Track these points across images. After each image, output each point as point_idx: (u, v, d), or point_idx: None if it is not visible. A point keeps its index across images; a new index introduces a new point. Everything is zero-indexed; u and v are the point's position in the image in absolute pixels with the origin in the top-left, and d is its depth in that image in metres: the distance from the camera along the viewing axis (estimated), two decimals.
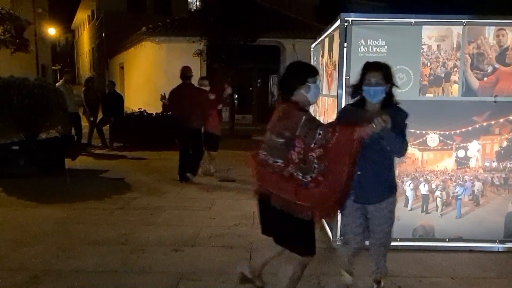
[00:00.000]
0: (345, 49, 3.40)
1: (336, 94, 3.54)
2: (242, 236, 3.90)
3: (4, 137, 6.25)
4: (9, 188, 5.54)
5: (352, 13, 3.39)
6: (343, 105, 3.47)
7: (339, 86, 3.46)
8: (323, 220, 4.15)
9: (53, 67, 25.88)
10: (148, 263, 3.31)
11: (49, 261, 3.30)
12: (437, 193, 3.61)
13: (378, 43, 3.39)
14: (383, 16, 3.45)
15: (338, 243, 3.62)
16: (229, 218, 4.43)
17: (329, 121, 4.02)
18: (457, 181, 3.60)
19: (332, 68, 3.88)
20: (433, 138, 3.54)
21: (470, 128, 3.53)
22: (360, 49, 3.40)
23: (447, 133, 3.53)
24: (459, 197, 3.62)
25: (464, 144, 3.55)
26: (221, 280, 3.02)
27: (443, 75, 3.45)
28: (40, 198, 5.10)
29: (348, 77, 3.43)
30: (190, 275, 3.09)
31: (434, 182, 3.60)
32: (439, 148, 3.56)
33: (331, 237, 3.71)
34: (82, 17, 31.23)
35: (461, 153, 3.57)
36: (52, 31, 24.85)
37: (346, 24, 3.38)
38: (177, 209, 4.77)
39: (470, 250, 3.62)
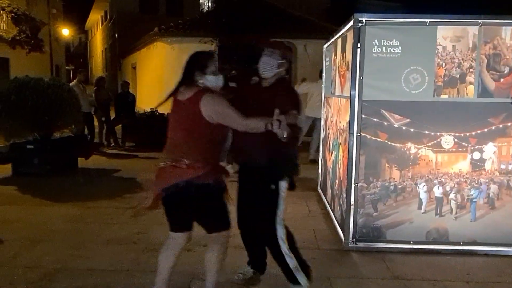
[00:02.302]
0: (358, 49, 3.37)
1: (349, 95, 3.51)
2: None
3: (19, 136, 6.34)
4: (23, 186, 5.62)
5: (365, 13, 3.35)
6: (356, 106, 3.45)
7: (352, 87, 3.43)
8: (335, 222, 4.13)
9: (66, 67, 26.25)
10: None
11: (62, 259, 3.33)
12: (452, 195, 3.56)
13: (392, 43, 3.35)
14: (397, 16, 3.41)
15: (350, 245, 3.59)
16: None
17: (342, 122, 4.00)
18: (472, 183, 3.54)
19: (345, 68, 3.85)
20: (447, 140, 3.48)
21: (486, 130, 3.47)
22: (374, 50, 3.37)
23: (462, 135, 3.47)
24: (474, 200, 3.55)
25: (480, 146, 3.49)
26: (231, 280, 3.01)
27: (458, 76, 3.40)
28: (54, 196, 5.16)
29: (361, 78, 3.41)
30: (202, 275, 3.08)
31: (448, 185, 3.55)
32: (454, 150, 3.50)
33: (343, 239, 3.67)
34: (95, 18, 31.59)
35: (476, 155, 3.50)
36: (66, 31, 25.19)
37: (359, 24, 3.35)
38: None
39: (485, 254, 3.55)
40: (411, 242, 3.59)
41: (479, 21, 3.33)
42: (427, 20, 3.33)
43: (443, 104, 3.45)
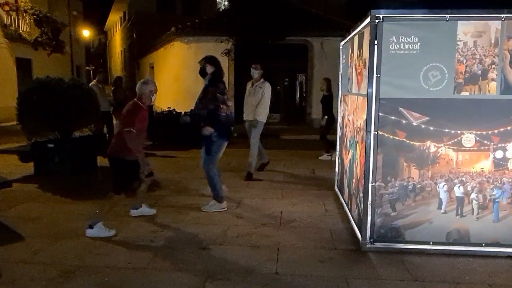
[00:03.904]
0: (375, 46, 3.30)
1: (366, 92, 3.44)
2: (269, 236, 3.87)
3: (41, 136, 6.48)
4: (45, 184, 5.74)
5: (383, 9, 3.28)
6: (373, 104, 3.39)
7: (370, 84, 3.36)
8: (352, 222, 4.07)
9: (86, 68, 26.73)
10: (176, 261, 3.33)
11: (81, 257, 3.38)
12: (473, 195, 3.45)
13: (410, 39, 3.27)
14: (416, 12, 3.32)
15: (368, 245, 3.53)
16: (256, 218, 4.41)
17: (359, 121, 3.94)
18: (495, 183, 3.43)
19: (361, 66, 3.78)
20: (468, 138, 3.38)
21: (509, 128, 3.35)
22: (391, 46, 3.29)
23: (484, 133, 3.37)
24: (496, 200, 3.44)
25: (503, 145, 3.37)
26: (247, 280, 3.00)
27: (479, 72, 3.29)
28: (74, 194, 5.26)
29: (378, 75, 3.34)
30: (217, 274, 3.09)
31: (469, 184, 3.44)
32: (476, 148, 3.39)
33: (360, 239, 3.61)
34: (114, 18, 32.07)
35: (499, 154, 3.39)
36: (86, 33, 25.67)
37: (377, 20, 3.28)
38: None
39: (508, 256, 3.44)
40: (431, 243, 3.50)
41: (502, 15, 3.22)
42: (447, 16, 3.23)
43: (464, 102, 3.34)
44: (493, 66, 3.28)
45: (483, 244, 3.47)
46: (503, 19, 3.23)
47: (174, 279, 3.01)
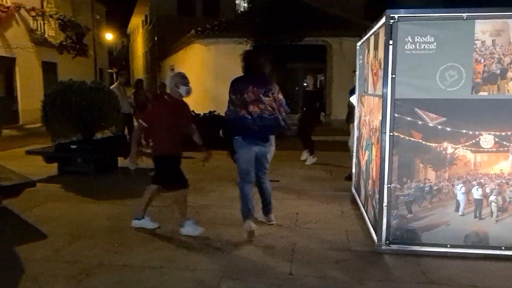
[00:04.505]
0: (390, 46, 3.27)
1: (381, 93, 3.42)
2: (285, 237, 3.88)
3: (64, 137, 6.69)
4: (67, 184, 5.92)
5: (398, 9, 3.25)
6: (388, 105, 3.36)
7: (385, 85, 3.33)
8: (368, 223, 4.04)
9: (109, 70, 27.34)
10: (192, 260, 3.38)
11: (100, 255, 3.48)
12: (492, 197, 3.38)
13: (426, 39, 3.22)
14: (432, 11, 3.27)
15: (383, 247, 3.50)
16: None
17: (374, 122, 3.90)
18: None
19: (377, 66, 3.75)
20: (487, 139, 3.31)
21: None
22: (407, 46, 3.26)
23: (503, 133, 3.29)
24: None
25: None
26: (261, 280, 3.02)
27: (498, 72, 3.21)
28: (95, 194, 5.40)
29: (394, 76, 3.31)
30: (232, 274, 3.13)
31: (488, 186, 3.37)
32: (494, 149, 3.32)
33: (376, 240, 3.58)
34: (136, 21, 32.67)
35: None
36: (109, 36, 26.28)
37: (391, 20, 3.25)
38: (222, 208, 4.85)
39: None
40: (448, 245, 3.44)
41: None
42: (464, 15, 3.17)
43: (482, 102, 3.27)
44: None
45: (503, 247, 3.39)
46: None
47: (189, 279, 3.07)
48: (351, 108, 6.18)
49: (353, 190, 5.35)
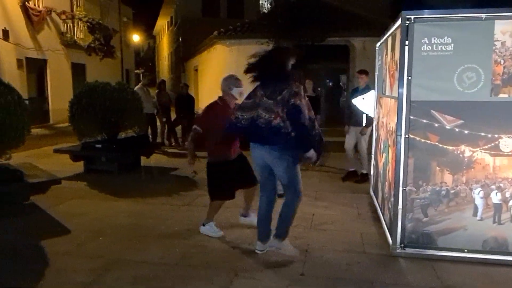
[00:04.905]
0: (406, 47, 3.24)
1: (397, 95, 3.38)
2: (299, 238, 3.90)
3: (90, 136, 6.92)
4: (92, 182, 6.13)
5: (414, 11, 3.21)
6: (404, 107, 3.33)
7: (400, 86, 3.30)
8: (384, 226, 4.00)
9: (136, 71, 27.98)
10: (207, 258, 3.46)
11: (120, 251, 3.60)
12: None
13: (443, 40, 3.17)
14: (449, 12, 3.22)
15: (398, 250, 3.47)
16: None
17: (391, 124, 3.87)
18: None
19: (394, 68, 3.72)
20: (507, 143, 3.22)
21: None
22: (423, 48, 3.21)
23: None
24: None
25: None
26: (273, 280, 3.06)
27: None
28: (118, 192, 5.57)
29: (409, 78, 3.27)
30: (244, 272, 3.18)
31: (508, 191, 3.28)
32: None
33: (390, 243, 3.55)
34: (162, 23, 33.28)
35: None
36: (136, 37, 26.88)
37: (408, 22, 3.22)
38: (238, 208, 4.87)
39: None
40: (465, 250, 3.37)
41: None
42: (483, 15, 3.10)
43: (501, 104, 3.19)
44: None
45: None
46: None
47: (203, 276, 3.14)
48: (350, 109, 6.10)
49: (371, 192, 5.30)
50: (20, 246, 3.72)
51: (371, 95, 4.87)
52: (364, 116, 5.83)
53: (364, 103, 5.74)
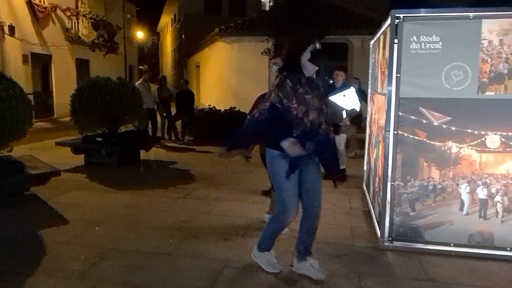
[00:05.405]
0: (395, 45, 3.25)
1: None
2: (292, 230, 3.84)
3: (91, 130, 6.96)
4: (92, 174, 6.17)
5: (403, 9, 3.22)
6: (392, 103, 3.34)
7: (389, 83, 3.32)
8: (375, 220, 4.02)
9: (140, 67, 27.96)
10: (199, 249, 3.49)
11: (115, 241, 3.64)
12: (498, 198, 3.30)
13: (432, 39, 3.18)
14: (438, 11, 3.22)
15: (386, 243, 3.49)
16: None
17: (382, 120, 3.88)
18: None
19: (385, 65, 3.73)
20: (493, 139, 3.24)
21: None
22: (412, 46, 3.22)
23: (510, 134, 3.21)
24: None
25: None
26: (262, 271, 3.08)
27: (506, 71, 3.13)
28: (117, 184, 5.61)
29: (398, 75, 3.28)
30: (235, 263, 3.21)
31: (494, 186, 3.30)
32: (501, 150, 3.24)
33: (379, 236, 3.58)
34: (166, 20, 33.24)
35: None
36: (140, 34, 26.87)
37: (397, 20, 3.22)
38: (233, 201, 4.94)
39: None
40: (452, 244, 3.39)
41: None
42: (471, 14, 3.11)
43: (488, 102, 3.20)
44: None
45: (509, 249, 3.31)
46: None
47: (195, 266, 3.17)
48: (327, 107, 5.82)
49: (364, 187, 5.32)
50: (20, 234, 3.76)
51: (352, 92, 4.61)
52: (344, 112, 5.71)
53: (346, 100, 5.51)
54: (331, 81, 7.67)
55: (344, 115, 3.52)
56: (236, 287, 2.85)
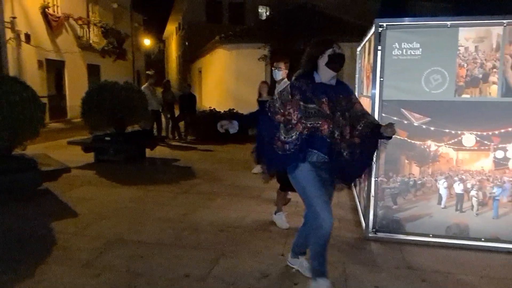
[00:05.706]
0: (379, 52, 3.24)
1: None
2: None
3: (100, 130, 6.94)
4: (101, 171, 6.15)
5: (386, 19, 3.21)
6: (376, 105, 3.34)
7: (373, 87, 3.31)
8: (360, 213, 4.02)
9: (147, 72, 27.93)
10: (198, 240, 3.48)
11: (120, 232, 3.63)
12: (473, 192, 3.30)
13: (412, 45, 3.17)
14: (418, 19, 3.22)
15: (370, 234, 3.49)
16: (273, 207, 4.46)
17: None
18: (495, 181, 3.26)
19: (369, 70, 3.72)
20: (469, 138, 3.24)
21: (510, 129, 3.17)
22: (394, 52, 3.22)
23: (485, 133, 3.21)
24: (496, 198, 3.27)
25: (503, 145, 3.19)
26: (255, 260, 3.08)
27: (480, 76, 3.13)
28: (124, 180, 5.59)
29: (382, 79, 3.28)
30: (230, 253, 3.20)
31: (469, 182, 3.30)
32: (476, 148, 3.24)
33: (364, 227, 3.58)
34: (171, 28, 33.12)
35: (499, 154, 3.22)
36: (146, 41, 26.79)
37: (380, 29, 3.22)
38: (231, 196, 4.93)
39: (508, 252, 3.26)
40: (430, 235, 3.40)
41: (504, 21, 3.04)
42: (448, 23, 3.10)
43: (464, 104, 3.20)
44: (494, 70, 3.11)
45: (482, 239, 3.32)
46: (505, 25, 3.05)
47: (193, 255, 3.16)
48: None
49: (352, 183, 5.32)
50: (32, 226, 3.75)
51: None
52: None
53: None
54: None
55: None
56: (230, 275, 2.85)
